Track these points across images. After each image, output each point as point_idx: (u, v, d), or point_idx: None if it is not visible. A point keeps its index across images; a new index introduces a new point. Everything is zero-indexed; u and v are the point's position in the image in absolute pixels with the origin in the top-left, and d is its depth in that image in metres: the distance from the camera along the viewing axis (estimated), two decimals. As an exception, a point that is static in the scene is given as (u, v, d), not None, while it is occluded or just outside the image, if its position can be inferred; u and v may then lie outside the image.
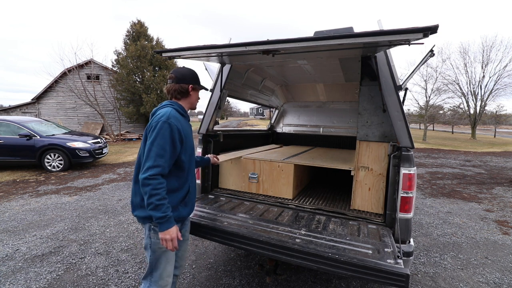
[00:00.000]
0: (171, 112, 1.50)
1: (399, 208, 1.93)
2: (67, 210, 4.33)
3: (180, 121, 1.52)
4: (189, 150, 1.61)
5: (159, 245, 1.52)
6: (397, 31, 1.34)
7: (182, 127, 1.52)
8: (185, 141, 1.55)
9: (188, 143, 1.59)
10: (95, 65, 15.58)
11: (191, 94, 1.65)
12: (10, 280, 2.50)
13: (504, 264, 2.97)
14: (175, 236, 1.45)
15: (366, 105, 2.38)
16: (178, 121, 1.50)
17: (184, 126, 1.55)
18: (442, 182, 6.94)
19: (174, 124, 1.45)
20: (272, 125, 5.35)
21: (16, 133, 7.01)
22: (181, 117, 1.56)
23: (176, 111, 1.55)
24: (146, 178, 1.37)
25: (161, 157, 1.40)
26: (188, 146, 1.59)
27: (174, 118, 1.48)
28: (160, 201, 1.38)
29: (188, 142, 1.60)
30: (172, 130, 1.44)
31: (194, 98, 1.68)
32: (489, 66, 23.16)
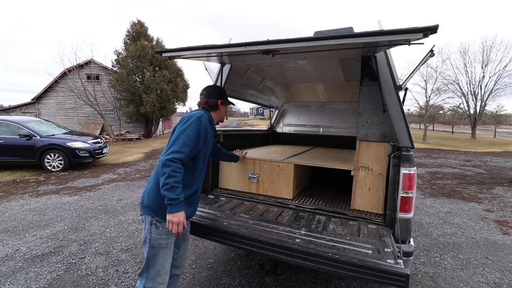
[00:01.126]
0: (204, 114, 1.69)
1: (399, 208, 1.93)
2: (67, 210, 4.33)
3: (209, 124, 1.71)
4: (207, 152, 1.75)
5: (158, 240, 1.54)
6: (397, 31, 1.34)
7: (209, 129, 1.69)
8: (207, 143, 1.69)
9: (208, 146, 1.73)
10: (95, 65, 15.59)
11: (220, 108, 1.86)
12: (10, 280, 2.50)
13: (504, 264, 2.97)
14: (182, 220, 1.46)
15: (366, 105, 2.38)
16: (209, 123, 1.70)
17: (210, 130, 1.71)
18: (442, 182, 6.95)
19: (204, 122, 1.63)
20: (272, 125, 5.35)
21: (16, 133, 7.01)
22: (208, 121, 1.73)
23: (207, 117, 1.72)
24: (169, 159, 1.45)
25: (187, 146, 1.52)
26: (207, 148, 1.73)
27: (206, 118, 1.67)
28: (176, 183, 1.43)
29: (208, 146, 1.74)
30: (201, 126, 1.60)
31: (222, 111, 1.88)
32: (489, 66, 23.20)
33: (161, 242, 1.55)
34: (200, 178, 1.75)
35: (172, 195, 1.42)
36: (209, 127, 1.70)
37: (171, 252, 1.63)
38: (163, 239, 1.56)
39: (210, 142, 1.76)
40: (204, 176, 1.85)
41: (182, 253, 1.81)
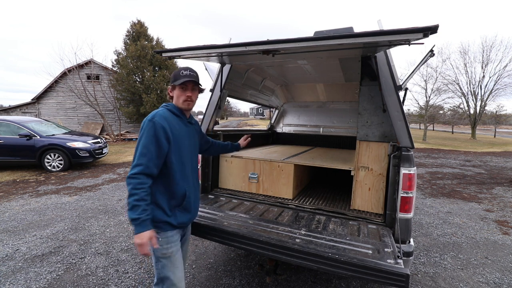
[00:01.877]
0: (158, 111, 1.51)
1: (399, 208, 1.93)
2: (67, 210, 4.33)
3: (168, 120, 1.49)
4: (183, 152, 1.56)
5: (161, 251, 1.49)
6: (397, 31, 1.34)
7: (171, 126, 1.49)
8: (175, 141, 1.50)
9: (181, 144, 1.54)
10: (95, 65, 15.58)
11: (172, 94, 1.62)
12: (10, 280, 2.50)
13: (504, 264, 2.97)
14: (145, 242, 1.33)
15: (366, 105, 2.38)
16: (165, 120, 1.47)
17: (174, 126, 1.51)
18: (442, 182, 6.94)
19: (158, 122, 1.44)
20: (272, 125, 5.35)
21: (16, 133, 7.01)
22: (172, 117, 1.55)
23: (169, 111, 1.55)
24: (129, 177, 1.37)
25: (144, 155, 1.39)
26: (181, 147, 1.54)
27: (160, 116, 1.47)
28: (137, 201, 1.33)
29: (182, 143, 1.55)
30: (155, 128, 1.42)
31: (178, 96, 1.58)
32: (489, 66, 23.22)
33: (164, 253, 1.50)
34: (186, 181, 1.57)
35: (133, 214, 1.32)
36: (172, 123, 1.51)
37: (178, 259, 1.56)
38: (165, 248, 1.50)
39: (184, 138, 1.57)
40: (197, 176, 1.73)
41: (183, 253, 1.77)
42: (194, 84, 1.58)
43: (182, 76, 1.53)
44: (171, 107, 1.58)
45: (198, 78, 1.60)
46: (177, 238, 1.56)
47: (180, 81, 1.52)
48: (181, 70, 1.56)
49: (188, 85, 1.56)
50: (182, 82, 1.53)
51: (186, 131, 1.61)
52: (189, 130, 1.65)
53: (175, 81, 1.54)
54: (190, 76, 1.55)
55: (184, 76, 1.54)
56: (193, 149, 1.68)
